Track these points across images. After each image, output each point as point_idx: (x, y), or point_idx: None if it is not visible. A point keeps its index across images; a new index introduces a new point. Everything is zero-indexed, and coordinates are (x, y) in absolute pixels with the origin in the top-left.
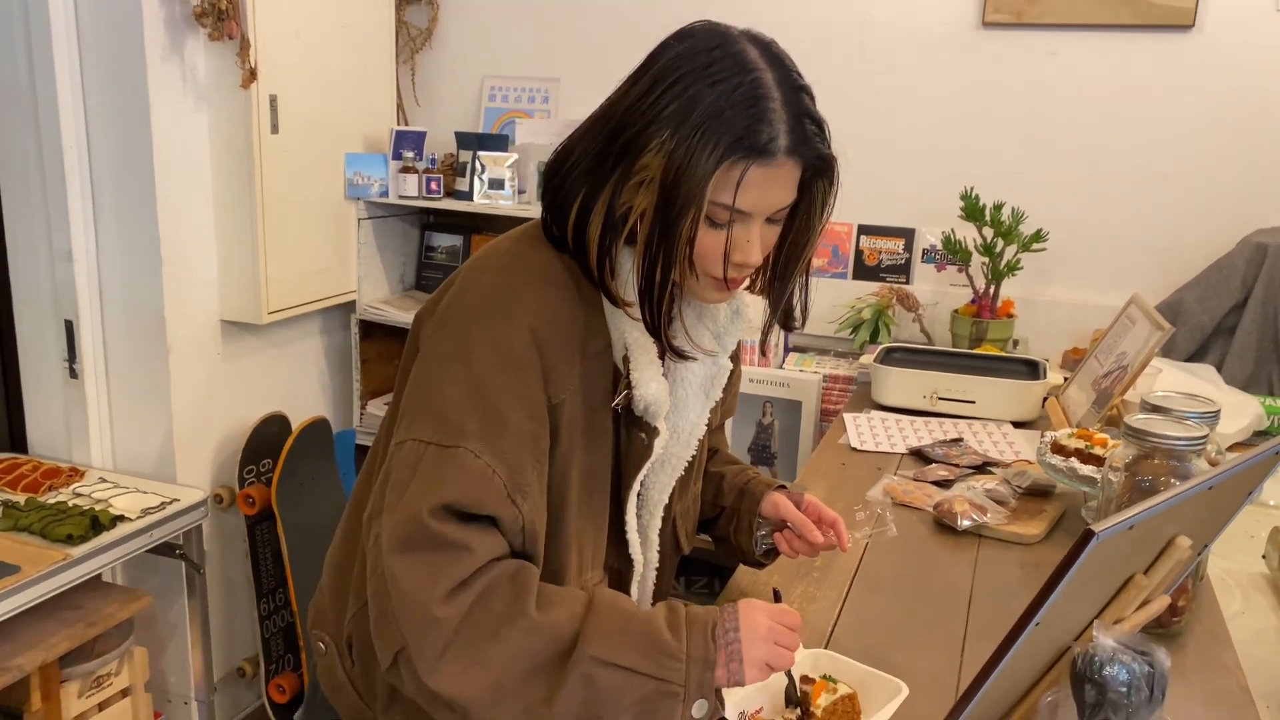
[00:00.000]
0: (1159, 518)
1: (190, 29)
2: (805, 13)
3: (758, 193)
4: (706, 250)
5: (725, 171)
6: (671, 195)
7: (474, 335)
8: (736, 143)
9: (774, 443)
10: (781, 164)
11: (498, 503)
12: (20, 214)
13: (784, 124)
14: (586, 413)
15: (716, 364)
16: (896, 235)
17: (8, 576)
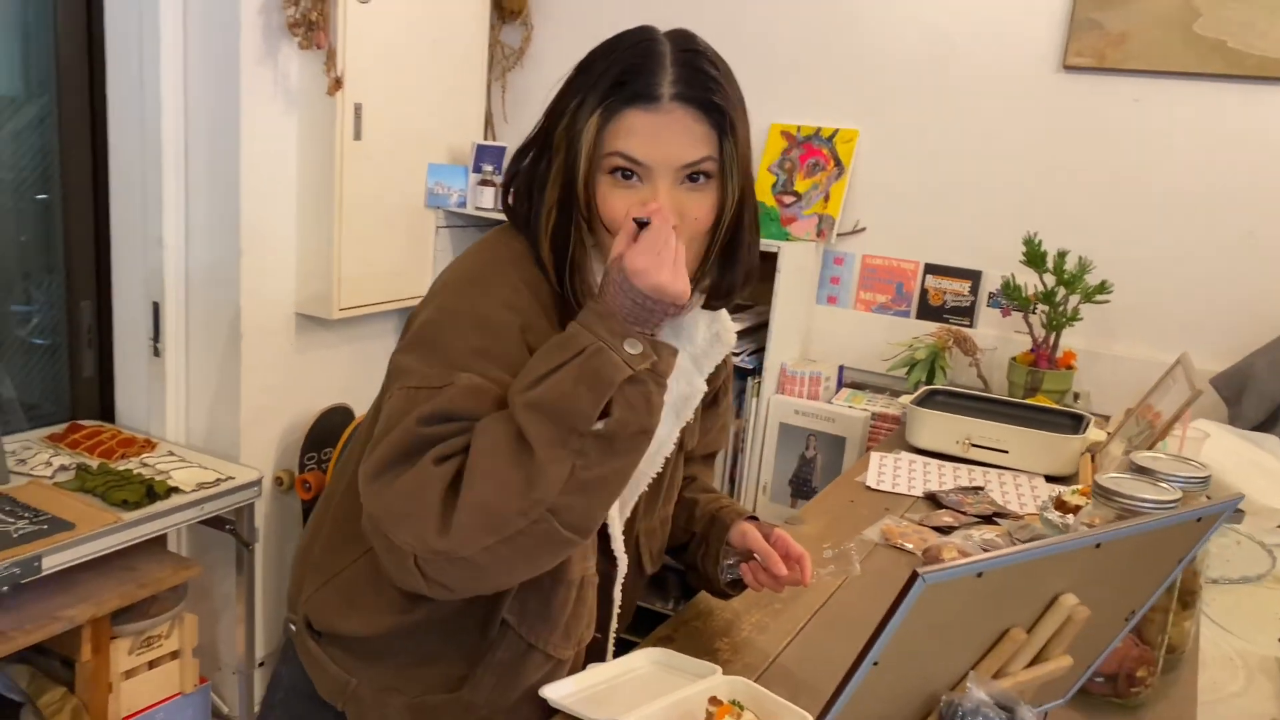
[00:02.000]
0: (1023, 570)
1: (284, 37)
2: (886, 51)
3: (648, 141)
4: (615, 211)
5: (607, 118)
6: (566, 151)
7: (456, 303)
8: (616, 87)
9: (815, 477)
10: (670, 110)
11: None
12: (123, 201)
13: (669, 73)
14: None
15: (691, 385)
16: (963, 277)
17: (63, 532)
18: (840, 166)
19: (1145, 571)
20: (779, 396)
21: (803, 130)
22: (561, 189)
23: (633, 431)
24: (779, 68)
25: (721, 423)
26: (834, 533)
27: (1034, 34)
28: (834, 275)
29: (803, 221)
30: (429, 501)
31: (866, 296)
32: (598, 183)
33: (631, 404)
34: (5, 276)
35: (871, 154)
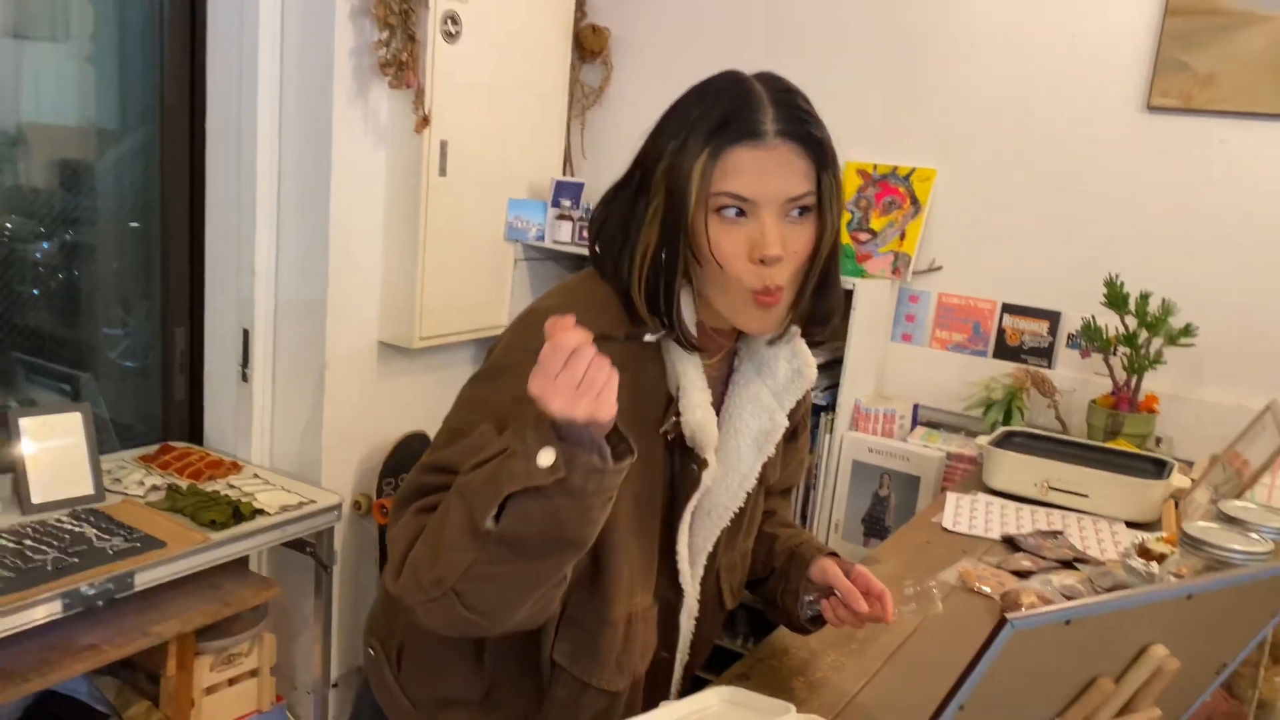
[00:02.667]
0: (1112, 619)
1: (375, 77)
2: (966, 91)
3: (755, 177)
4: (726, 249)
5: (714, 157)
6: (670, 191)
7: (520, 354)
8: (720, 128)
9: (889, 516)
10: (774, 145)
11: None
12: (218, 231)
13: (769, 110)
14: (634, 434)
15: (772, 419)
16: (1041, 317)
17: (154, 550)
18: (917, 205)
19: (1237, 624)
20: (853, 434)
21: (879, 168)
22: (663, 229)
23: (538, 540)
24: (856, 106)
25: (799, 457)
26: (910, 574)
27: (1118, 75)
28: (909, 313)
29: (878, 259)
30: (399, 547)
31: (942, 335)
32: (705, 221)
33: (524, 515)
34: (103, 302)
35: (949, 193)
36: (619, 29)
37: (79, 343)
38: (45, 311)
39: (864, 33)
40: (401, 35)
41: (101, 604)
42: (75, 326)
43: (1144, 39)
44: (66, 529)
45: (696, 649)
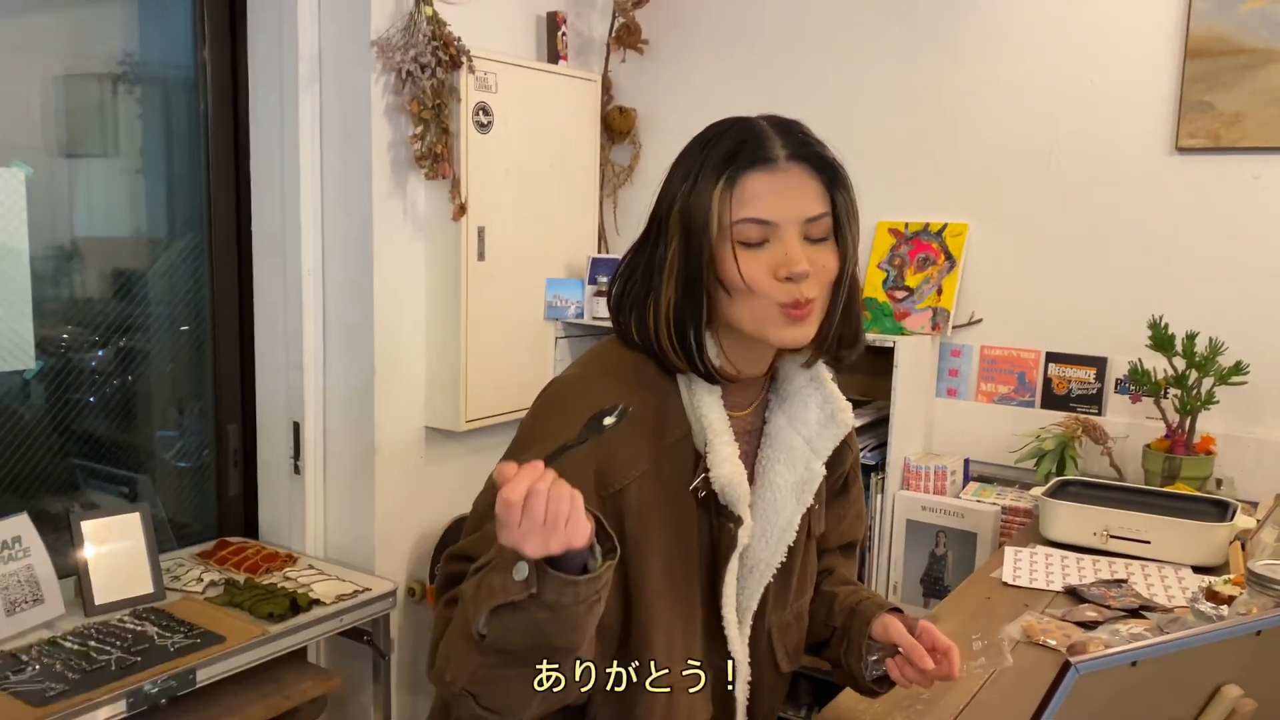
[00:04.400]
0: (1179, 660)
1: (411, 170)
2: (991, 144)
3: (771, 200)
4: (754, 276)
5: (731, 188)
6: (687, 229)
7: (541, 425)
8: (730, 158)
9: (947, 575)
10: (786, 168)
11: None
12: (266, 330)
13: (777, 139)
14: (661, 498)
15: (808, 469)
16: (1087, 364)
17: (214, 645)
18: (951, 260)
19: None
20: (904, 492)
21: (910, 226)
22: (684, 265)
23: (525, 648)
24: (883, 167)
25: (855, 510)
26: (971, 629)
27: (1143, 118)
28: (953, 368)
29: (916, 315)
30: (433, 639)
31: (988, 388)
32: (728, 252)
33: (507, 627)
34: (158, 404)
35: (983, 245)
36: (645, 109)
37: (135, 446)
38: (102, 417)
39: (887, 96)
40: (435, 128)
41: (164, 702)
42: (131, 430)
43: (1166, 82)
44: (129, 628)
45: (758, 716)
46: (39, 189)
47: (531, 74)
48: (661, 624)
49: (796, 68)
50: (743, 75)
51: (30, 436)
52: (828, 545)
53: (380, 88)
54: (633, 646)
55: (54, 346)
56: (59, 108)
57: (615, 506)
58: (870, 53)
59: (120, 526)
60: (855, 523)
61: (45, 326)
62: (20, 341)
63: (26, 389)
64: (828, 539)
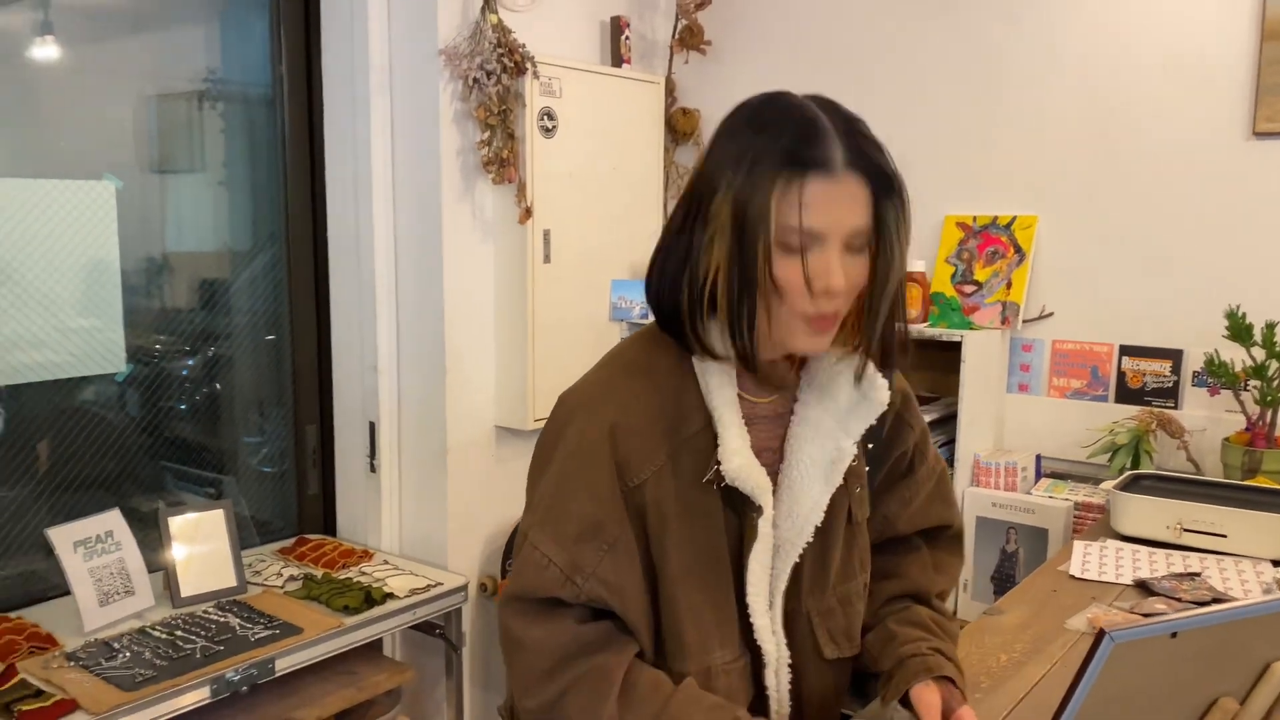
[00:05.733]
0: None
1: (479, 175)
2: (1059, 134)
3: (824, 210)
4: (787, 282)
5: (786, 189)
6: (740, 224)
7: (566, 429)
8: (791, 157)
9: (1018, 572)
10: (842, 179)
11: (554, 586)
12: (343, 334)
13: (838, 141)
14: (680, 491)
15: (838, 447)
16: (1162, 357)
17: (292, 636)
18: (1020, 253)
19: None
20: (974, 489)
21: (979, 220)
22: (732, 257)
23: None
24: (949, 161)
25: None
26: (1036, 622)
27: (1217, 104)
28: (1023, 362)
29: (986, 310)
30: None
31: (1059, 382)
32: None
33: None
34: (242, 409)
35: (1053, 237)
36: (709, 110)
37: (221, 449)
38: (189, 421)
39: (951, 89)
40: (502, 134)
41: (245, 689)
42: (216, 433)
43: (1241, 66)
44: (213, 619)
45: (808, 704)
46: (130, 203)
47: (595, 78)
48: (690, 612)
49: (858, 64)
50: (805, 73)
51: (123, 438)
52: (897, 531)
53: (448, 95)
54: (664, 635)
55: (144, 354)
56: (148, 125)
57: (637, 500)
58: (933, 46)
59: (206, 523)
60: (936, 506)
61: (136, 335)
62: (112, 347)
63: (120, 394)
64: (895, 524)
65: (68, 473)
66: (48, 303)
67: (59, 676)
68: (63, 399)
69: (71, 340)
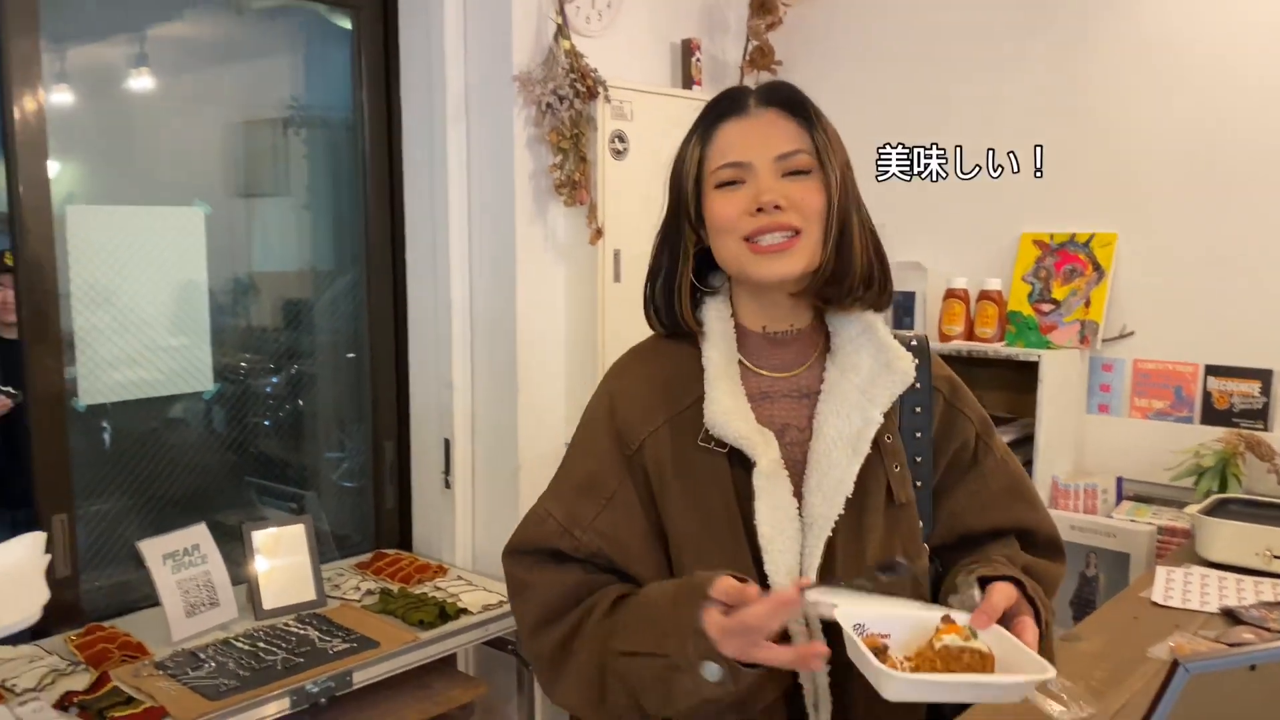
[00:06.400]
0: None
1: (551, 197)
2: (1142, 150)
3: (743, 140)
4: (728, 213)
5: (706, 142)
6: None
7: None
8: (707, 115)
9: (1098, 598)
10: (758, 113)
11: (550, 538)
12: (419, 352)
13: (751, 93)
14: (680, 453)
15: (864, 417)
16: (1251, 377)
17: (370, 650)
18: (1100, 271)
19: None
20: (1053, 511)
21: (1055, 237)
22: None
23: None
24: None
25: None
26: (1116, 650)
27: None
28: (1103, 383)
29: (1064, 329)
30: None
31: (1141, 403)
32: (706, 200)
33: (699, 714)
34: (323, 426)
35: (1134, 255)
36: None
37: (303, 464)
38: (272, 437)
39: (1028, 106)
40: (574, 157)
41: (324, 701)
42: (299, 450)
43: None
44: (293, 632)
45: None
46: (217, 227)
47: (666, 100)
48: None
49: (932, 82)
50: (878, 91)
51: (209, 453)
52: (969, 527)
53: (522, 120)
54: None
55: (230, 372)
56: (235, 152)
57: (639, 464)
58: (1010, 63)
59: (287, 538)
60: (1016, 506)
61: (223, 354)
62: (200, 366)
63: (206, 411)
64: (964, 518)
65: (156, 487)
66: (142, 323)
67: (149, 684)
68: (153, 416)
69: (163, 359)
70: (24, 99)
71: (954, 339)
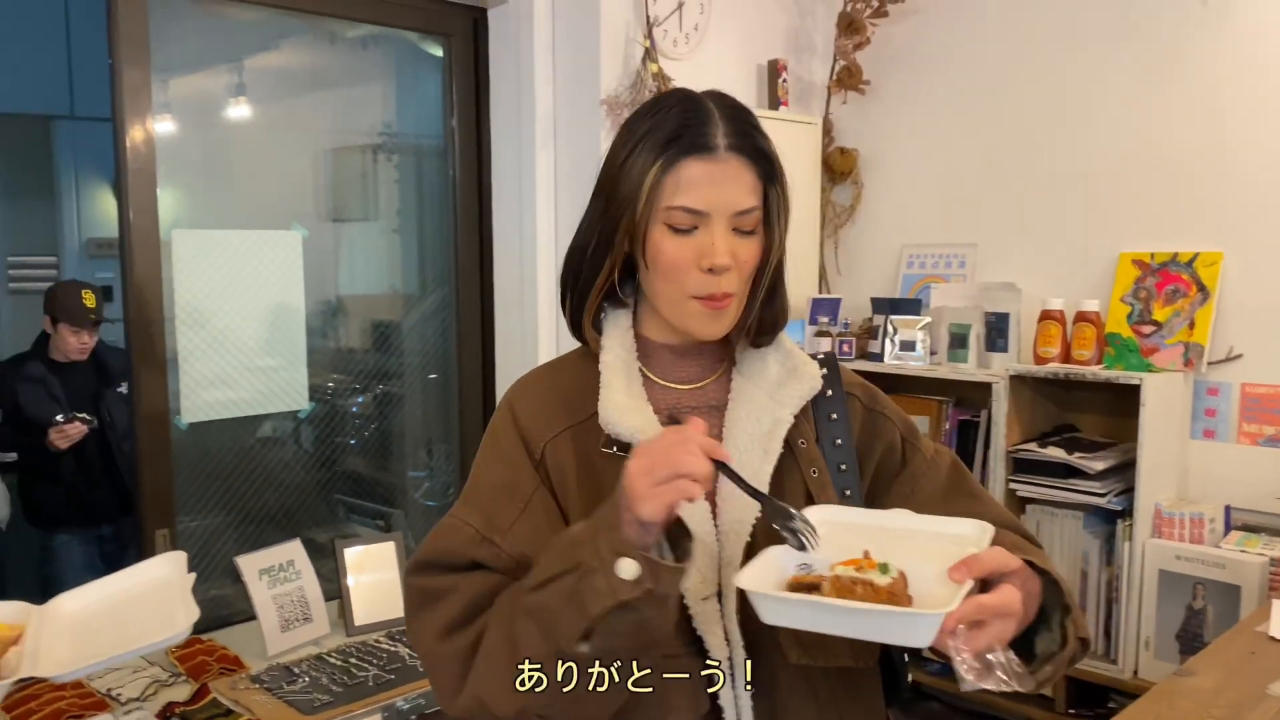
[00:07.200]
0: None
1: None
2: (1251, 166)
3: (707, 189)
4: (678, 260)
5: (668, 171)
6: (614, 197)
7: (484, 442)
8: (672, 140)
9: (1206, 631)
10: (725, 160)
11: (468, 547)
12: (506, 373)
13: (720, 126)
14: (581, 462)
15: (774, 418)
16: None
17: None
18: (1204, 291)
19: None
20: (1156, 541)
21: (1157, 257)
22: (601, 228)
23: (628, 650)
24: (1123, 197)
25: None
26: (1232, 687)
27: None
28: (1209, 407)
29: (1166, 351)
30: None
31: (1250, 429)
32: (659, 232)
33: (616, 631)
34: (410, 445)
35: (1241, 275)
36: (866, 149)
37: (390, 483)
38: (360, 456)
39: (1123, 123)
40: None
41: (414, 719)
42: (386, 469)
43: None
44: (384, 649)
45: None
46: (310, 250)
47: None
48: None
49: (1023, 100)
50: (967, 110)
51: (300, 471)
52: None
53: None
54: None
55: (321, 392)
56: (327, 177)
57: (543, 472)
58: (1105, 79)
59: (377, 555)
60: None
61: (314, 374)
62: (296, 386)
63: (298, 430)
64: None
65: (250, 503)
66: (241, 344)
67: (246, 698)
68: (248, 434)
69: (260, 379)
70: (134, 128)
71: (1050, 361)
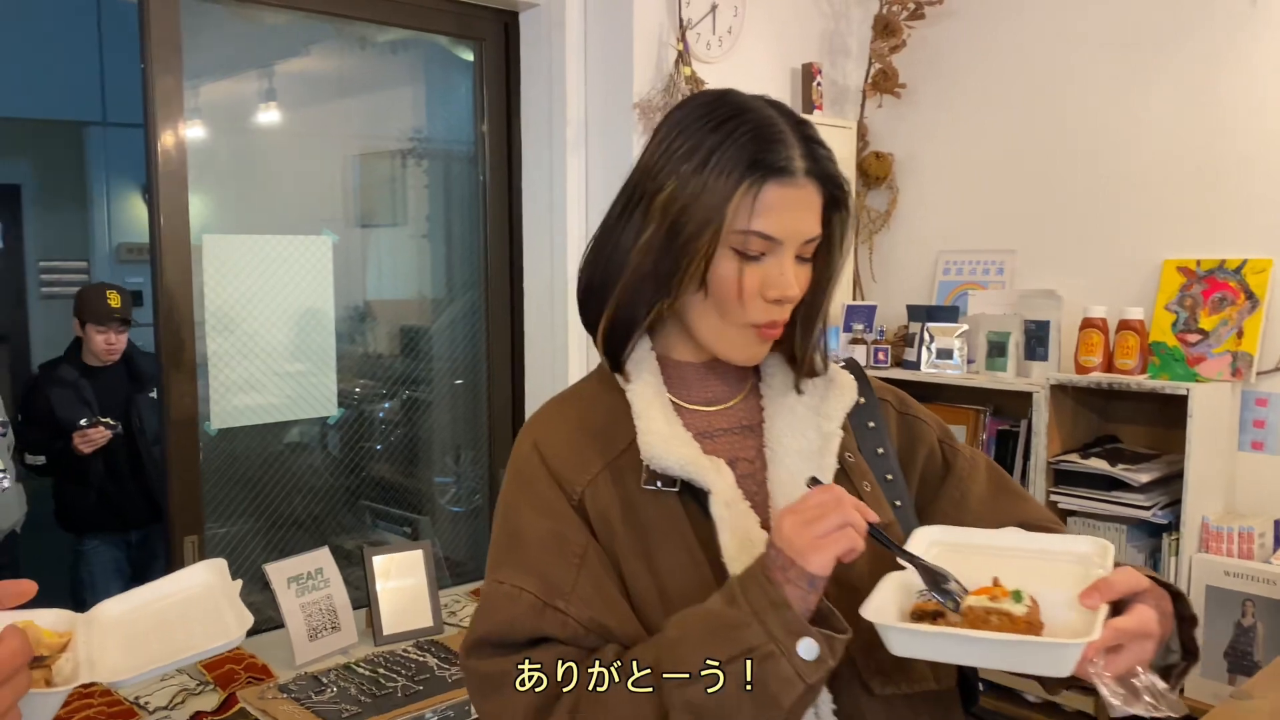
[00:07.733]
0: None
1: None
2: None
3: (783, 216)
4: (746, 289)
5: (745, 194)
6: (683, 219)
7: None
8: (754, 163)
9: (1257, 649)
10: (802, 185)
11: (530, 618)
12: (535, 378)
13: (796, 147)
14: (625, 503)
15: (820, 432)
16: None
17: None
18: (1253, 299)
19: None
20: (1203, 555)
21: (1203, 264)
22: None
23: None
24: (1168, 203)
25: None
26: None
27: None
28: (1258, 418)
29: (1213, 361)
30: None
31: None
32: (729, 257)
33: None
34: (438, 451)
35: None
36: (902, 153)
37: (417, 489)
38: (388, 462)
39: (1168, 127)
40: None
41: None
42: (413, 475)
43: None
44: (412, 659)
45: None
46: (339, 255)
47: None
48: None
49: (1063, 103)
50: (1005, 113)
51: (327, 477)
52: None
53: (640, 147)
54: None
55: (348, 398)
56: (357, 182)
57: (582, 516)
58: (1149, 81)
59: (406, 562)
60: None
61: (342, 379)
62: (326, 392)
63: (326, 436)
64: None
65: (277, 509)
66: (270, 349)
67: (273, 707)
68: (276, 440)
69: (290, 384)
70: (166, 134)
71: (1092, 370)
